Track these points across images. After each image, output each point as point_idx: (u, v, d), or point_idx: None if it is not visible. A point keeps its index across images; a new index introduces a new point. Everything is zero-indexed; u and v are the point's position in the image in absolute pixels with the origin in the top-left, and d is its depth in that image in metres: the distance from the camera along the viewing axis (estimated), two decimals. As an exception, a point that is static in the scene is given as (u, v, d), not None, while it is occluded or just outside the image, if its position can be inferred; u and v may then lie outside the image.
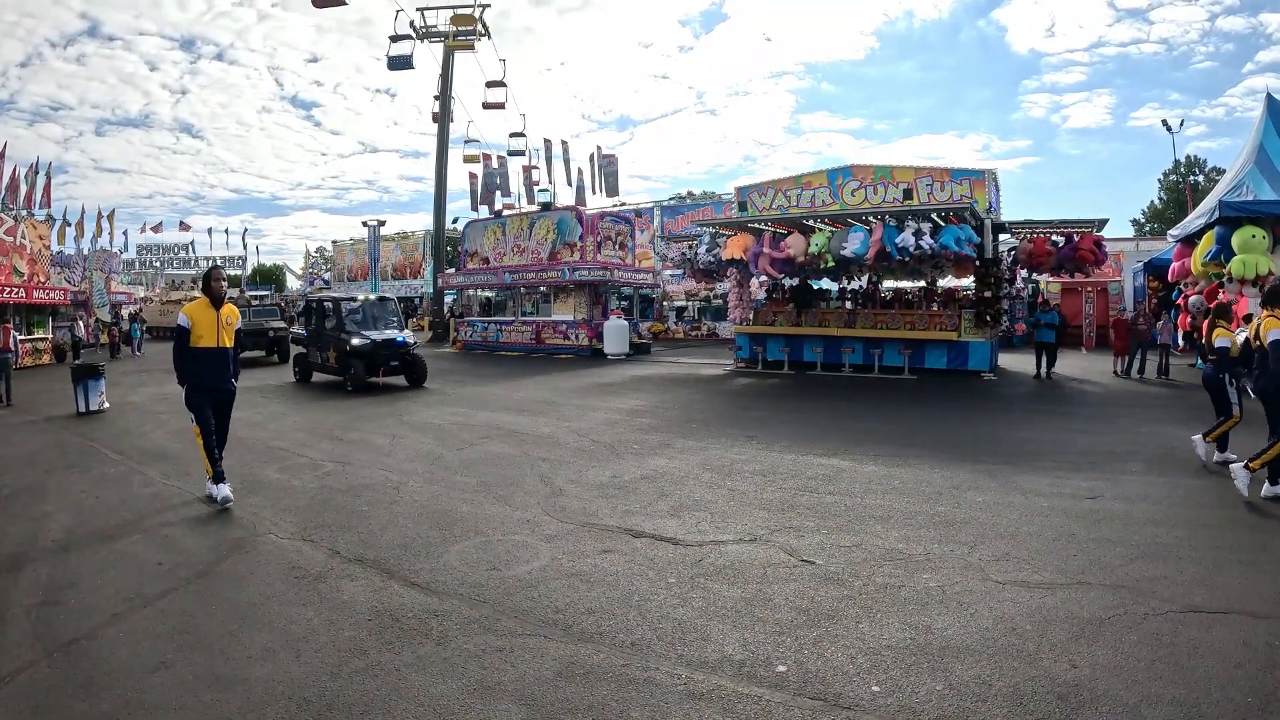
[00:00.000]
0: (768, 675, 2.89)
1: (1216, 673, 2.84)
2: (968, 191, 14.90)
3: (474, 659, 3.04)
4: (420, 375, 13.59)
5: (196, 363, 5.61)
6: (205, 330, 5.61)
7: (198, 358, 5.61)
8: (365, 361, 12.90)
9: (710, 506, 5.33)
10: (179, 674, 2.96)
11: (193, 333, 5.58)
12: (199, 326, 5.60)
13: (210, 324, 5.63)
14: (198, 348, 5.59)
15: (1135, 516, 4.97)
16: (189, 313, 5.63)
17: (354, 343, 13.03)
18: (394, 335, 13.55)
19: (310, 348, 15.03)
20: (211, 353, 5.64)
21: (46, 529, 5.07)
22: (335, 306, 14.23)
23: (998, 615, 3.41)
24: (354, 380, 12.87)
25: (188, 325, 5.59)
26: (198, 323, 5.60)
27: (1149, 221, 46.40)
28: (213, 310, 5.67)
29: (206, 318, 5.64)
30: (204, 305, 5.68)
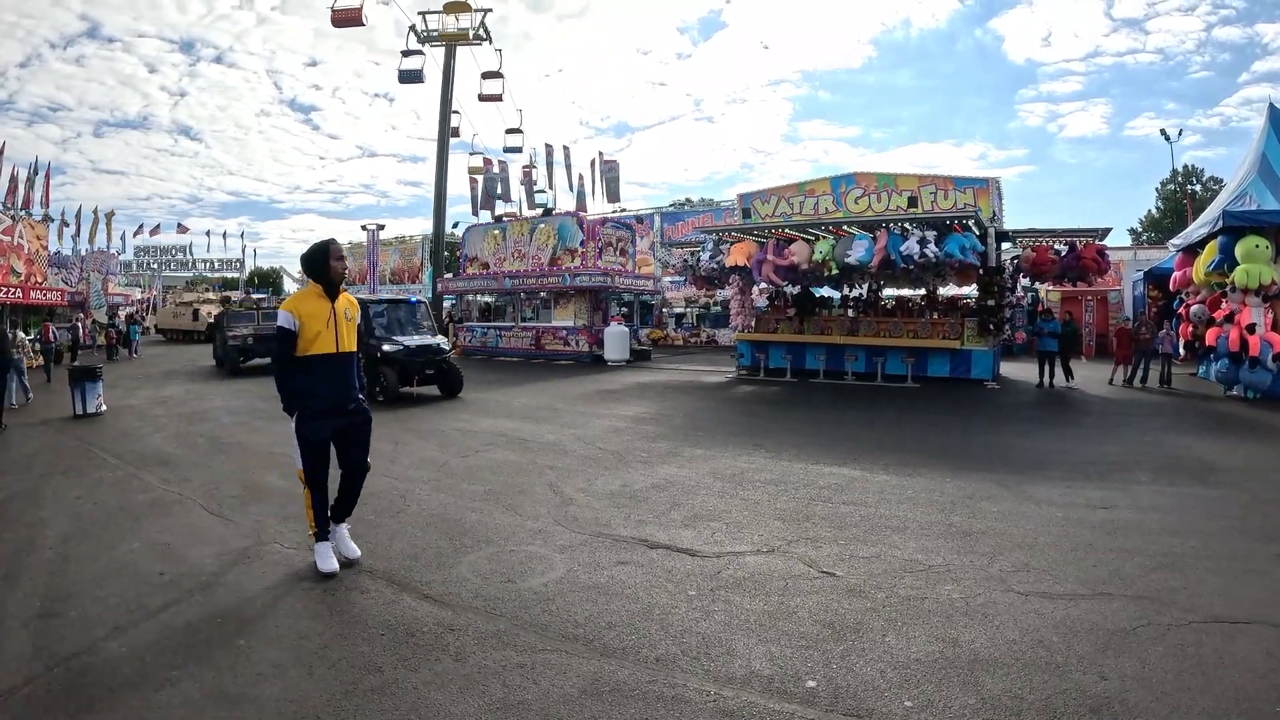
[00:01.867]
0: (798, 691, 2.81)
1: (1243, 683, 2.81)
2: (971, 200, 14.91)
3: (494, 676, 2.95)
4: (456, 385, 12.69)
5: (309, 377, 4.13)
6: (320, 330, 4.13)
7: (311, 369, 4.13)
8: (398, 370, 11.98)
9: (724, 516, 5.25)
10: (186, 691, 2.87)
11: (302, 335, 4.09)
12: (311, 325, 4.11)
13: (325, 321, 4.15)
14: (310, 355, 4.12)
15: (1150, 526, 4.93)
16: (295, 308, 4.11)
17: (386, 350, 12.04)
18: (428, 341, 12.59)
19: None
20: (330, 361, 4.16)
21: (43, 536, 4.96)
22: (362, 309, 13.63)
23: (1023, 627, 3.35)
24: (386, 391, 11.80)
25: (294, 325, 4.07)
26: (309, 320, 4.10)
27: (1146, 230, 46.57)
28: (327, 301, 4.18)
29: (319, 313, 4.14)
30: (314, 295, 4.19)
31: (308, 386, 4.15)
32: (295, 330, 4.09)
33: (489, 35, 29.61)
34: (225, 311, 20.05)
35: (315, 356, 4.14)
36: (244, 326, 18.43)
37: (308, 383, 4.15)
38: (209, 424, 9.96)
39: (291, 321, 4.09)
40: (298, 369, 4.14)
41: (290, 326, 4.09)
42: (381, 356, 11.98)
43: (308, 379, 4.15)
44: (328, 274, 4.20)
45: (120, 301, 36.91)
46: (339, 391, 4.23)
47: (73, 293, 26.19)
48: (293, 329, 4.09)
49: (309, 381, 4.15)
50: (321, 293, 4.21)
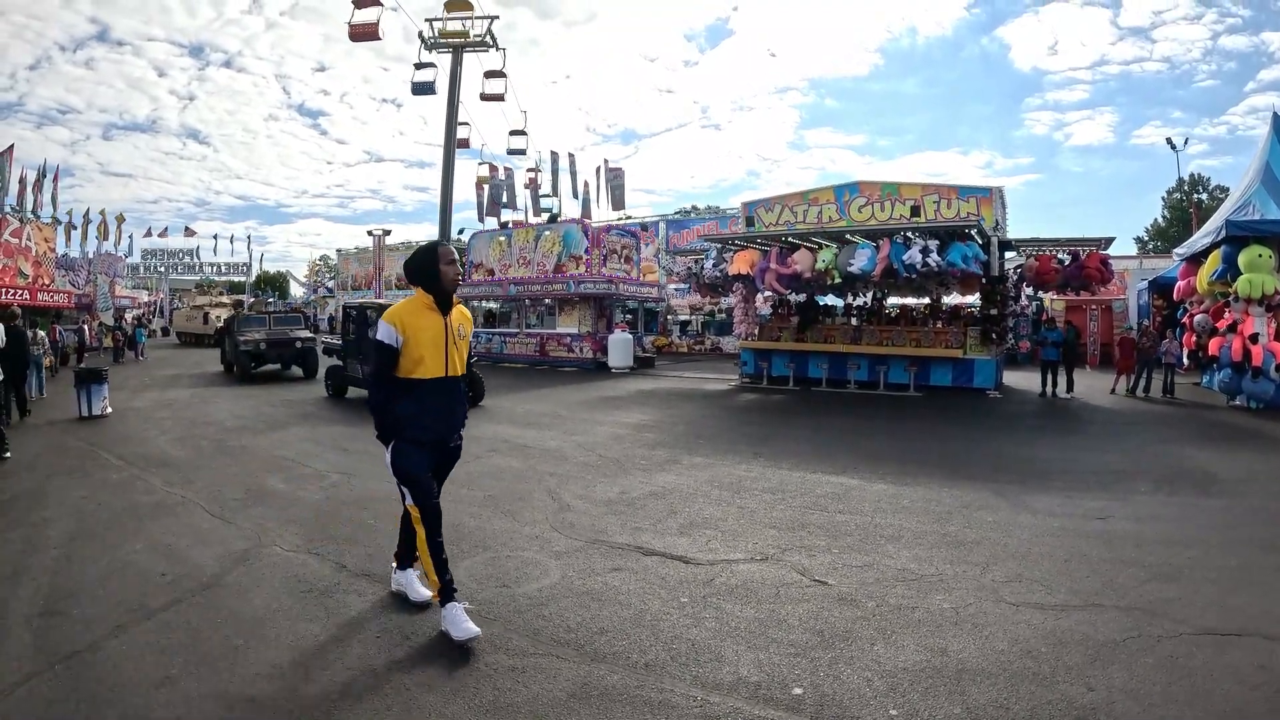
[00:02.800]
0: (784, 698, 2.85)
1: (1233, 695, 2.82)
2: (974, 209, 14.94)
3: (486, 679, 2.99)
4: (479, 393, 12.35)
5: (415, 402, 3.48)
6: (429, 348, 3.45)
7: (416, 394, 3.47)
8: None
9: (720, 524, 5.28)
10: (185, 690, 2.92)
11: (406, 353, 3.43)
12: (417, 342, 3.43)
13: (435, 338, 3.47)
14: (416, 379, 3.47)
15: (1147, 537, 4.94)
16: (399, 320, 3.44)
17: None
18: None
19: (348, 360, 13.43)
20: (438, 388, 3.51)
21: (47, 536, 5.03)
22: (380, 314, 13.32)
23: (1013, 637, 3.37)
24: None
25: (396, 341, 3.41)
26: (416, 336, 3.42)
27: (1152, 239, 46.49)
28: (438, 315, 3.50)
29: (430, 327, 3.46)
30: (422, 307, 3.50)
31: (411, 414, 3.47)
32: (397, 347, 3.42)
33: (495, 41, 29.84)
34: (236, 315, 19.08)
35: (420, 381, 3.47)
36: (255, 331, 17.34)
37: (411, 410, 3.47)
38: (213, 427, 10.04)
39: (394, 336, 3.41)
40: (398, 392, 3.48)
41: (391, 342, 3.41)
42: None
43: (411, 405, 3.47)
44: (439, 281, 3.47)
45: (127, 304, 37.13)
46: (446, 423, 3.59)
47: (80, 295, 26.39)
48: (394, 345, 3.42)
49: (412, 409, 3.47)
50: (432, 304, 3.50)
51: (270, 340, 16.88)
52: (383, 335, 3.43)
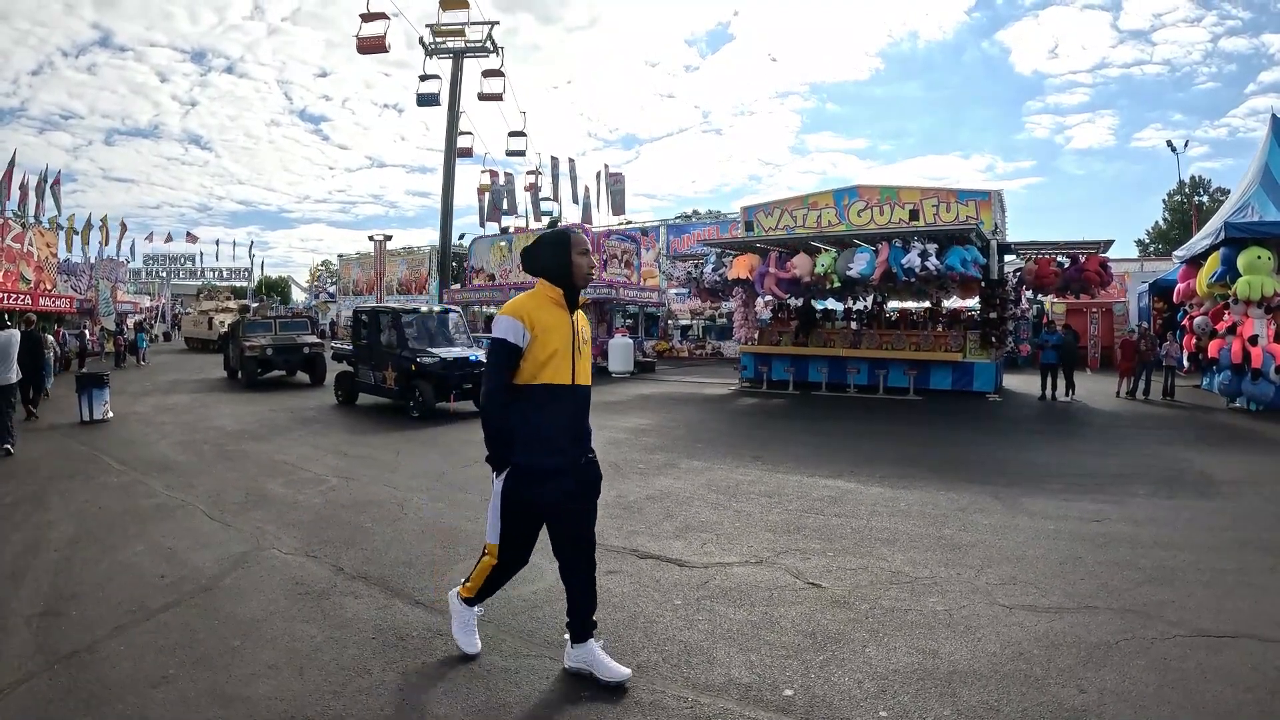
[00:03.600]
0: (775, 699, 2.86)
1: (1225, 698, 2.83)
2: (974, 213, 14.96)
3: (478, 680, 3.01)
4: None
5: (538, 414, 2.91)
6: (556, 349, 2.91)
7: (541, 405, 2.91)
8: (434, 384, 11.31)
9: (716, 528, 5.30)
10: (181, 689, 2.95)
11: (531, 354, 2.89)
12: (545, 342, 2.90)
13: (564, 339, 2.94)
14: (536, 386, 2.90)
15: (1143, 539, 4.95)
16: (525, 313, 2.89)
17: (422, 362, 11.37)
18: (466, 353, 11.82)
19: (360, 366, 13.21)
20: (566, 397, 2.95)
21: (49, 538, 5.06)
22: (395, 319, 12.37)
23: (1005, 640, 3.38)
24: (421, 406, 11.20)
25: (522, 338, 2.88)
26: (544, 336, 2.90)
27: (1154, 242, 46.48)
28: (565, 312, 2.99)
29: (559, 326, 2.94)
30: (548, 301, 2.98)
31: (534, 430, 2.90)
32: (521, 346, 2.87)
33: (496, 47, 29.96)
34: (240, 320, 18.56)
35: (545, 388, 2.90)
36: (261, 336, 16.90)
37: (534, 424, 2.90)
38: (215, 432, 10.08)
39: (519, 332, 2.86)
40: (524, 402, 2.91)
41: (516, 340, 2.86)
42: (417, 369, 11.39)
43: (534, 419, 2.91)
44: (570, 273, 2.98)
45: (129, 309, 37.19)
46: (575, 440, 3.00)
47: (81, 300, 26.49)
48: (518, 344, 2.86)
49: (535, 423, 2.90)
50: (560, 299, 2.98)
51: (277, 345, 16.55)
52: (504, 330, 2.87)
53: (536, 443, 2.89)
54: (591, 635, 3.05)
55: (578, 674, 3.03)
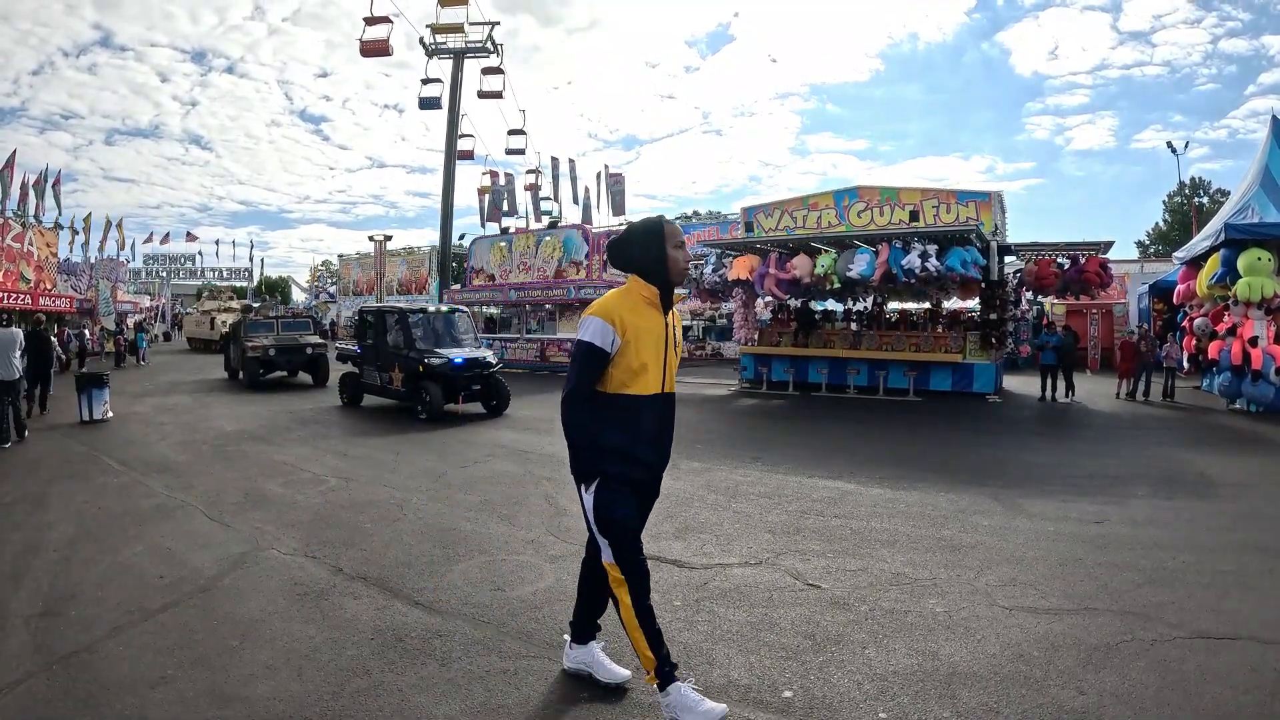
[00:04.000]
0: (774, 701, 2.86)
1: (1224, 699, 2.83)
2: (974, 214, 14.97)
3: (478, 680, 3.01)
4: (503, 402, 11.84)
5: (625, 426, 2.70)
6: (649, 356, 2.70)
7: (628, 416, 2.70)
8: (442, 385, 11.15)
9: (715, 529, 5.30)
10: (180, 689, 2.94)
11: (621, 360, 2.66)
12: (638, 348, 2.67)
13: (657, 345, 2.72)
14: (629, 395, 2.69)
15: (1142, 541, 4.94)
16: (618, 315, 2.65)
17: (430, 363, 11.19)
18: (475, 354, 11.71)
19: (365, 367, 12.98)
20: (655, 407, 2.75)
21: (48, 538, 5.06)
22: (402, 319, 12.21)
23: (1005, 641, 3.38)
24: (429, 408, 10.99)
25: (613, 344, 2.64)
26: (637, 340, 2.66)
27: (1154, 243, 46.50)
28: (659, 313, 2.76)
29: (653, 329, 2.72)
30: (641, 301, 2.74)
31: (621, 442, 2.68)
32: (611, 352, 2.64)
33: (497, 47, 29.99)
34: (242, 320, 18.26)
35: (633, 398, 2.68)
36: (263, 336, 16.72)
37: (620, 437, 2.68)
38: (214, 433, 10.08)
39: (610, 337, 2.62)
40: (611, 411, 2.69)
41: (605, 346, 2.62)
42: (425, 370, 11.21)
43: (620, 431, 2.68)
44: (665, 269, 2.73)
45: (129, 309, 37.16)
46: (660, 454, 2.82)
47: (81, 300, 26.49)
48: (607, 349, 2.63)
49: (622, 434, 2.68)
50: (655, 299, 2.74)
51: (279, 346, 16.37)
52: (593, 335, 2.61)
53: (623, 457, 2.69)
54: (594, 636, 3.04)
55: (576, 675, 3.01)
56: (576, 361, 2.67)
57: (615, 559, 2.71)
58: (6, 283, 19.70)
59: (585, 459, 2.68)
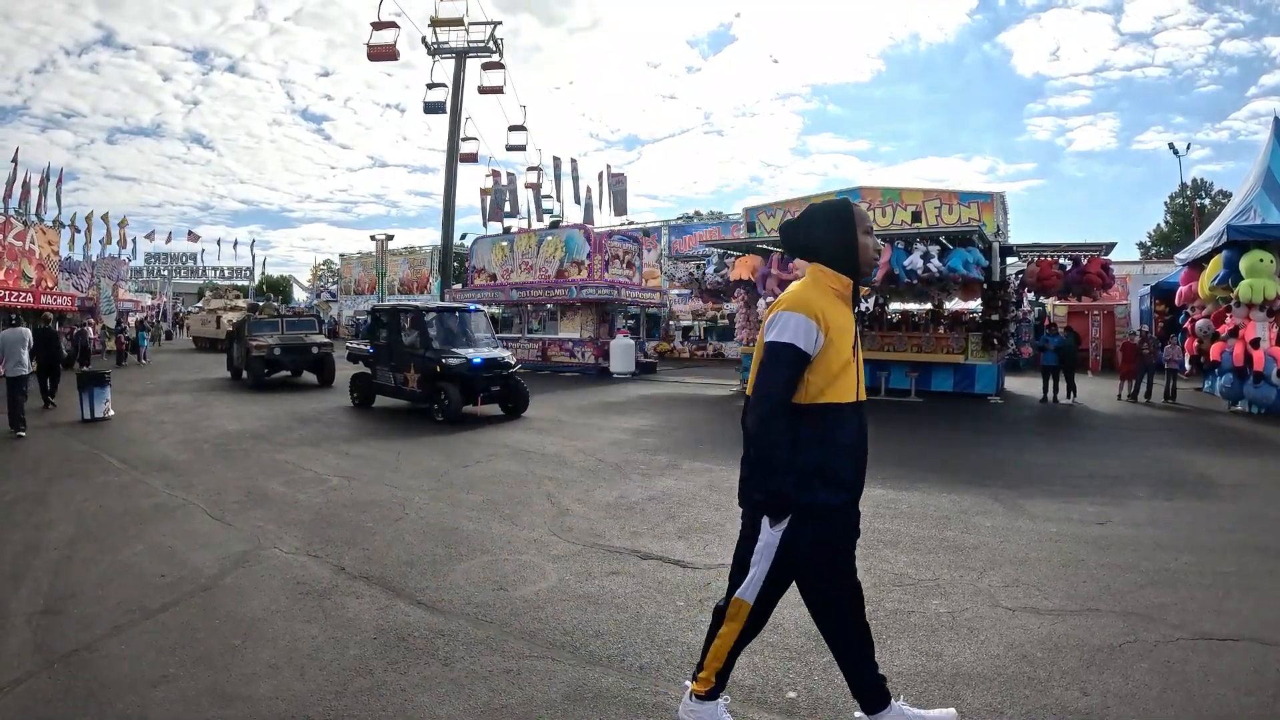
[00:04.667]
0: (778, 701, 2.86)
1: (1228, 700, 2.82)
2: (976, 214, 14.95)
3: (481, 680, 3.01)
4: (522, 403, 11.58)
5: (827, 442, 2.32)
6: (848, 357, 2.36)
7: (830, 430, 2.33)
8: (460, 386, 10.87)
9: (718, 529, 5.29)
10: (181, 688, 2.94)
11: (823, 364, 2.30)
12: (841, 347, 2.33)
13: (848, 342, 2.36)
14: (829, 404, 2.32)
15: (1144, 542, 4.94)
16: (820, 310, 2.29)
17: (448, 363, 10.89)
18: (494, 354, 11.46)
19: (378, 367, 12.65)
20: (856, 417, 2.42)
21: (49, 537, 5.06)
22: (417, 318, 11.97)
23: (1008, 642, 3.37)
24: (446, 410, 10.69)
25: (814, 345, 2.28)
26: (839, 339, 2.32)
27: (1155, 245, 46.47)
28: (848, 309, 2.42)
29: (848, 328, 2.38)
30: (832, 295, 2.39)
31: (818, 460, 2.30)
32: (812, 354, 2.28)
33: (499, 47, 29.99)
34: (247, 319, 17.93)
35: (834, 408, 2.33)
36: (267, 335, 16.47)
37: (819, 453, 2.30)
38: (215, 432, 10.08)
39: (814, 337, 2.27)
40: (812, 421, 2.31)
41: (807, 346, 2.26)
42: (442, 371, 10.91)
43: (818, 448, 2.31)
44: (856, 257, 2.41)
45: (130, 308, 37.18)
46: (862, 472, 2.46)
47: (83, 298, 26.51)
48: (810, 351, 2.28)
49: (821, 452, 2.31)
50: (846, 292, 2.42)
51: (285, 345, 16.11)
52: (794, 334, 2.25)
53: (819, 477, 2.29)
54: (891, 695, 2.53)
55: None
56: (773, 367, 2.26)
57: (753, 601, 2.44)
58: (8, 281, 19.69)
59: (789, 485, 2.26)
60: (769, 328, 2.32)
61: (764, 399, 2.28)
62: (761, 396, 2.29)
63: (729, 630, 2.48)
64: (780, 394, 2.26)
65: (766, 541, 2.34)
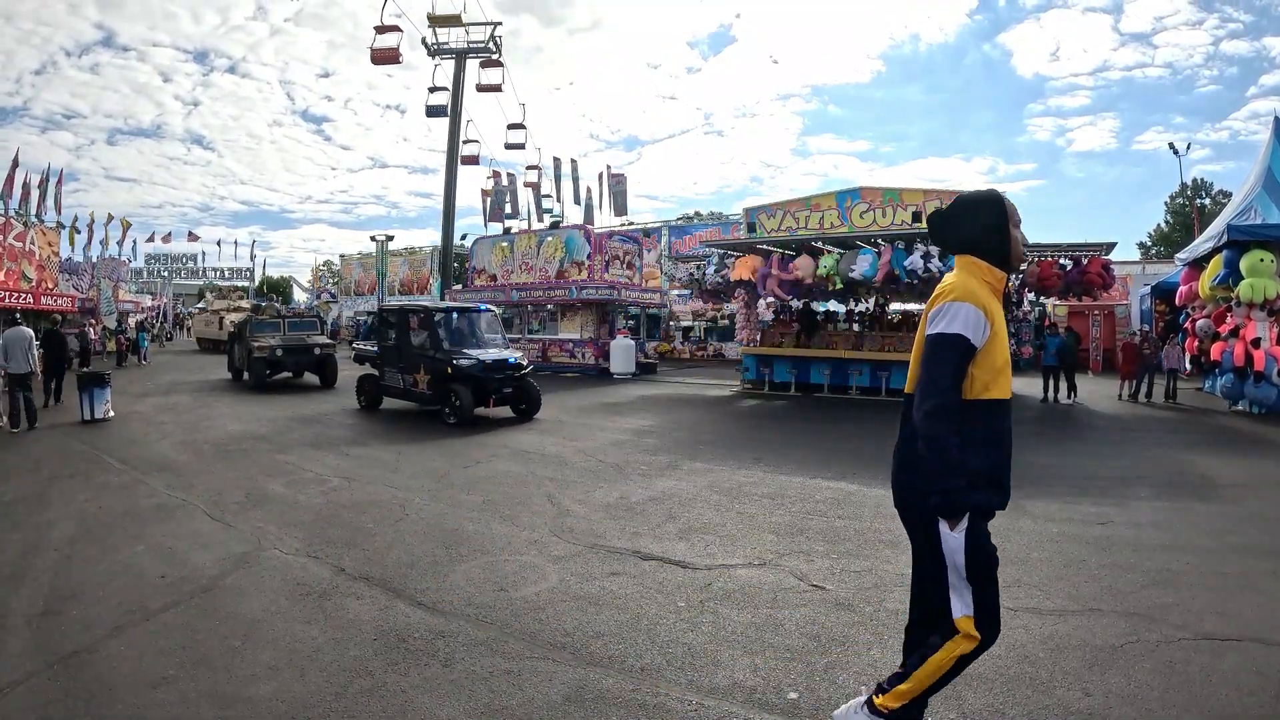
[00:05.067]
0: (780, 702, 2.85)
1: (1230, 701, 2.82)
2: (976, 214, 14.91)
3: (481, 681, 3.00)
4: (534, 405, 11.35)
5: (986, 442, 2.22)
6: (1005, 353, 2.27)
7: (989, 429, 2.23)
8: (472, 388, 10.63)
9: (719, 529, 5.28)
10: (181, 690, 2.93)
11: (987, 359, 2.20)
12: (1002, 342, 2.25)
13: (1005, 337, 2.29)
14: (991, 401, 2.22)
15: (1146, 542, 4.93)
16: (985, 301, 2.20)
17: (459, 364, 10.65)
18: (505, 355, 11.21)
19: (386, 369, 12.31)
20: (1009, 416, 2.32)
21: (49, 538, 5.05)
22: (427, 318, 11.63)
23: (1010, 643, 3.36)
24: (458, 412, 10.47)
25: (982, 337, 2.19)
26: (1001, 332, 2.23)
27: (1155, 245, 46.47)
28: (1000, 303, 2.31)
29: (1001, 319, 2.27)
30: (990, 290, 2.28)
31: (987, 461, 2.21)
32: (979, 347, 2.19)
33: (499, 47, 30.01)
34: (248, 320, 17.64)
35: (995, 404, 2.23)
36: (269, 336, 16.30)
37: (986, 454, 2.21)
38: (216, 432, 10.07)
39: (982, 328, 2.18)
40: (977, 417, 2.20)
41: (975, 339, 2.17)
42: (454, 372, 10.66)
43: (986, 446, 2.21)
44: (1008, 251, 2.34)
45: (130, 308, 37.15)
46: (1008, 464, 2.32)
47: (83, 299, 26.50)
48: (978, 344, 2.18)
49: (986, 450, 2.21)
50: (999, 285, 2.32)
51: (287, 346, 15.99)
52: (964, 324, 2.14)
53: (984, 476, 2.20)
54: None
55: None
56: (942, 360, 2.14)
57: (977, 611, 2.25)
58: (8, 282, 19.68)
59: (961, 486, 2.14)
60: (935, 318, 2.20)
61: (933, 394, 2.15)
62: (930, 391, 2.16)
63: (951, 649, 2.27)
64: (950, 388, 2.15)
65: (952, 547, 2.21)
